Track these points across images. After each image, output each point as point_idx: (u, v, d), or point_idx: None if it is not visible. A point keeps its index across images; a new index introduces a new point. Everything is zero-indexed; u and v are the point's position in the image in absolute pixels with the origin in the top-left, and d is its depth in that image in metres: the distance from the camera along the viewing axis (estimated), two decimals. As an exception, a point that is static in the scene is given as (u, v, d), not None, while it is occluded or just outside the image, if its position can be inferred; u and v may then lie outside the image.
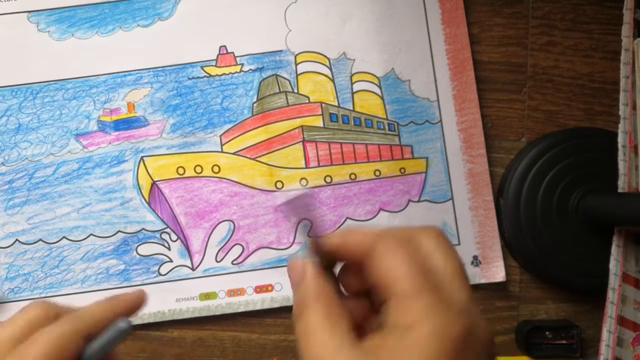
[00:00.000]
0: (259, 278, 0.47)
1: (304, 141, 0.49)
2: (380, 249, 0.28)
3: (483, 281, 0.47)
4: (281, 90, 0.49)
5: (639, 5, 0.43)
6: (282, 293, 0.47)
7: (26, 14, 0.49)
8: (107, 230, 0.48)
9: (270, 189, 0.48)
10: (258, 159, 0.48)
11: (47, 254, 0.48)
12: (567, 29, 0.49)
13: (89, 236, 0.48)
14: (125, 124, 0.49)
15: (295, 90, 0.49)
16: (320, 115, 0.49)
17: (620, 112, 0.43)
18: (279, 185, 0.48)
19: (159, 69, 0.49)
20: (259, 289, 0.47)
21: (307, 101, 0.49)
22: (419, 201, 0.48)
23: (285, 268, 0.47)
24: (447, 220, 0.48)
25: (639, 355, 0.42)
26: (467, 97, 0.48)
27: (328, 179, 0.48)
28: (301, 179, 0.48)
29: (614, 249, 0.43)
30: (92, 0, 0.49)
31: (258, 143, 0.48)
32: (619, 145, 0.43)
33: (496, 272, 0.47)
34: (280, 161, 0.48)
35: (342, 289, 0.31)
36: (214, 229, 0.48)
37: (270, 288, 0.47)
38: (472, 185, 0.48)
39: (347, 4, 0.48)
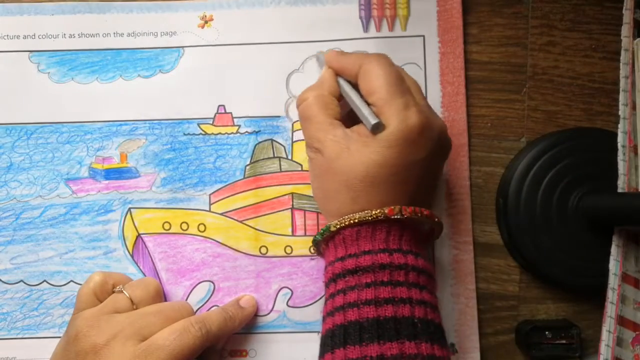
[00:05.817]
0: (234, 342, 0.47)
1: (292, 208, 0.48)
2: (366, 66, 0.39)
3: (456, 371, 0.47)
4: (275, 155, 0.49)
5: (638, 6, 0.42)
6: (255, 360, 0.48)
7: (28, 53, 0.49)
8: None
9: (254, 254, 0.48)
10: (245, 221, 0.48)
11: (27, 295, 0.48)
12: (567, 29, 0.49)
13: (69, 282, 0.48)
14: (116, 174, 0.49)
15: (290, 157, 0.49)
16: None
17: (620, 112, 0.42)
18: (263, 250, 0.48)
19: (155, 122, 0.49)
20: (233, 353, 0.47)
21: (299, 169, 0.49)
22: (400, 281, 0.48)
23: (260, 335, 0.47)
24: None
25: (638, 355, 0.42)
26: (458, 184, 0.48)
27: (313, 250, 0.48)
28: (286, 246, 0.48)
29: (613, 249, 0.42)
30: (95, 46, 0.49)
31: (247, 206, 0.48)
32: (619, 145, 0.42)
33: (470, 363, 0.47)
34: (267, 226, 0.48)
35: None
36: (193, 288, 0.48)
37: (244, 353, 0.47)
38: (455, 271, 0.48)
39: (349, 79, 0.48)
